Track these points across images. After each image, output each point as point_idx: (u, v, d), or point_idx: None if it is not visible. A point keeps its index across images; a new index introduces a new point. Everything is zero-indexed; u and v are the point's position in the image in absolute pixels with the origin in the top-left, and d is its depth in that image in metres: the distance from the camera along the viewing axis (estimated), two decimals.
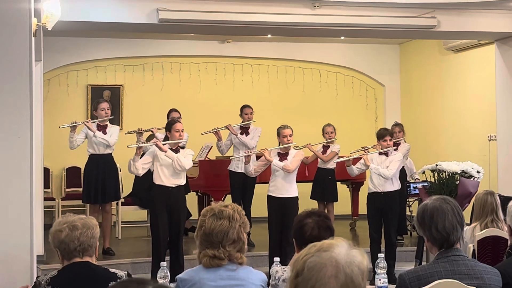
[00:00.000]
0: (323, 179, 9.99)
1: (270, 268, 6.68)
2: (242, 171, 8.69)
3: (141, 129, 8.92)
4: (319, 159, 9.96)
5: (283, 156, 8.04)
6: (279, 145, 8.20)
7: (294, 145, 8.24)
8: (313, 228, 3.74)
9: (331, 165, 9.91)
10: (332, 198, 10.08)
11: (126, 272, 3.58)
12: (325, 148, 10.01)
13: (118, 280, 1.55)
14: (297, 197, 8.01)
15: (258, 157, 8.65)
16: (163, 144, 7.69)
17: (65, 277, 3.47)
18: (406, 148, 9.85)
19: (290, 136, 8.04)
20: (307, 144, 9.61)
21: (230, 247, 3.48)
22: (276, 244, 7.96)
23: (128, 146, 7.79)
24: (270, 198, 8.07)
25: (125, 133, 9.17)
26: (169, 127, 7.86)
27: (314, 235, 3.67)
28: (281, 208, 7.92)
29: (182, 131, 7.83)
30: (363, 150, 8.57)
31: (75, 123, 8.70)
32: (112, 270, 3.57)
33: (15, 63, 4.55)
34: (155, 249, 7.77)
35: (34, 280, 3.64)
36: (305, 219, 3.79)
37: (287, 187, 7.97)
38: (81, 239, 3.46)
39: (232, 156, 9.52)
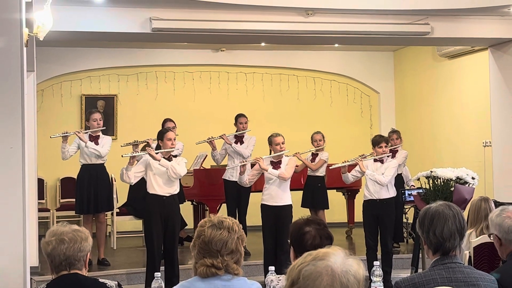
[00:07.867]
0: (312, 187, 9.97)
1: (265, 277, 6.64)
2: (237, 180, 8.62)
3: (137, 141, 8.86)
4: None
5: (276, 164, 7.99)
6: (270, 153, 8.15)
7: (286, 152, 8.12)
8: (314, 237, 3.68)
9: (320, 172, 9.90)
10: (322, 206, 10.03)
11: (116, 283, 3.55)
12: (314, 156, 9.96)
13: None
14: (291, 205, 7.97)
15: (253, 166, 8.60)
16: (156, 153, 7.65)
17: None
18: (404, 155, 9.85)
19: (283, 143, 8.00)
20: (296, 153, 9.42)
21: (228, 257, 3.48)
22: (271, 253, 7.91)
23: (122, 156, 7.75)
24: (264, 207, 8.02)
25: (121, 146, 9.04)
26: (161, 136, 7.81)
27: (316, 244, 3.63)
28: (276, 216, 7.88)
29: (174, 140, 7.79)
30: (360, 158, 8.52)
31: (67, 133, 8.67)
32: (101, 280, 3.54)
33: (6, 73, 4.51)
34: (149, 259, 7.71)
35: None
36: (304, 227, 3.72)
37: (281, 195, 7.92)
38: (67, 253, 3.41)
39: (227, 165, 9.47)
